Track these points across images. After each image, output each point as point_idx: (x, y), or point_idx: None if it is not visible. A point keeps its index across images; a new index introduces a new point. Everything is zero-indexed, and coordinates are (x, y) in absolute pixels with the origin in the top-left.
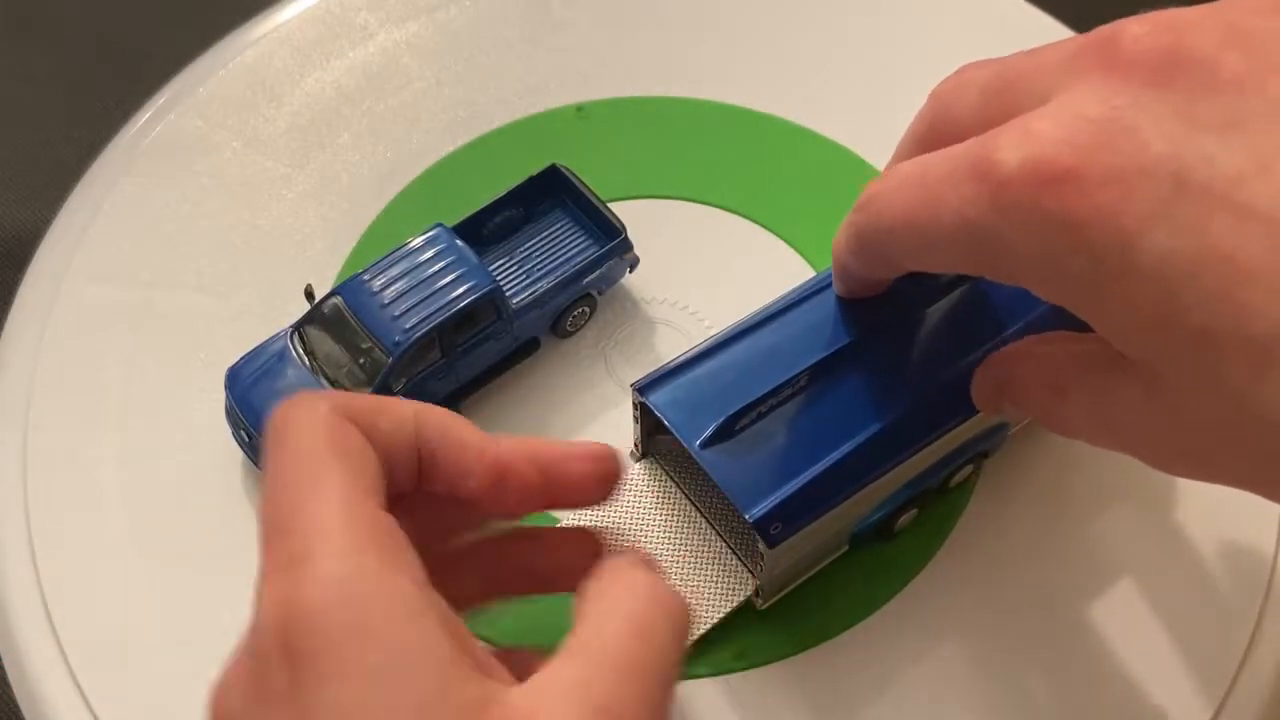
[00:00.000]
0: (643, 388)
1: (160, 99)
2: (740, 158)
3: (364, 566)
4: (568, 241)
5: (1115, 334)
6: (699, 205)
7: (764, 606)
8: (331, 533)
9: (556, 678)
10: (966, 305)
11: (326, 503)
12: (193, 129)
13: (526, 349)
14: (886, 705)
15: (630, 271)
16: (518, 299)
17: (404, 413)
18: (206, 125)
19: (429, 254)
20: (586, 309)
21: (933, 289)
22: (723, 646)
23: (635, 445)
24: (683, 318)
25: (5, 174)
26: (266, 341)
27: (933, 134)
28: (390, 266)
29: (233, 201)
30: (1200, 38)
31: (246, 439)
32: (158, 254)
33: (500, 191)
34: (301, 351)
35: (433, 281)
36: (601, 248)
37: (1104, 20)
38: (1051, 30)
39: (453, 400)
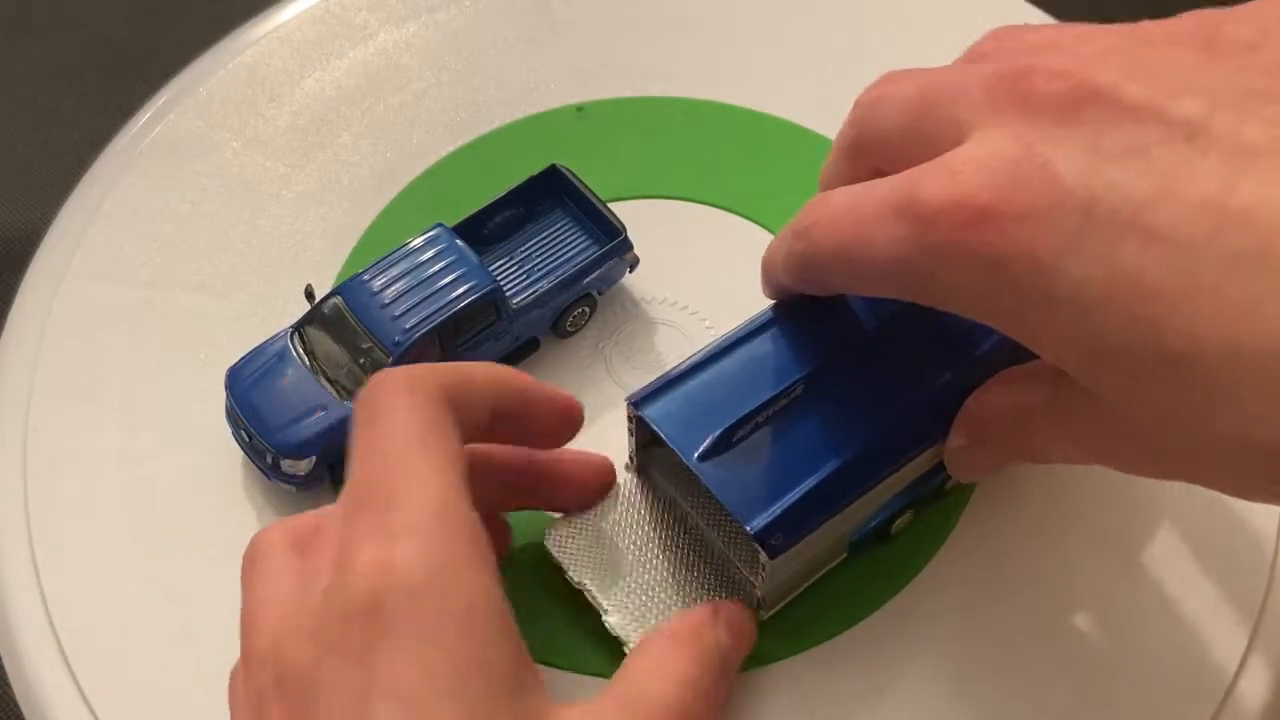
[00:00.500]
0: (637, 401)
1: (160, 99)
2: (740, 158)
3: (457, 556)
4: (568, 241)
5: (1050, 356)
6: (699, 205)
7: (766, 617)
8: (432, 517)
9: (601, 714)
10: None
11: (429, 488)
12: (193, 129)
13: (526, 349)
14: (886, 707)
15: (630, 271)
16: (518, 299)
17: (486, 385)
18: (206, 125)
19: (429, 254)
20: (587, 309)
21: None
22: None
23: (630, 458)
24: (683, 318)
25: (5, 174)
26: (266, 342)
27: (858, 146)
28: (390, 266)
29: (233, 201)
30: (1104, 72)
31: (246, 439)
32: (158, 254)
33: (500, 191)
34: (302, 351)
35: (433, 281)
36: (601, 248)
37: (1105, 20)
38: None
39: None
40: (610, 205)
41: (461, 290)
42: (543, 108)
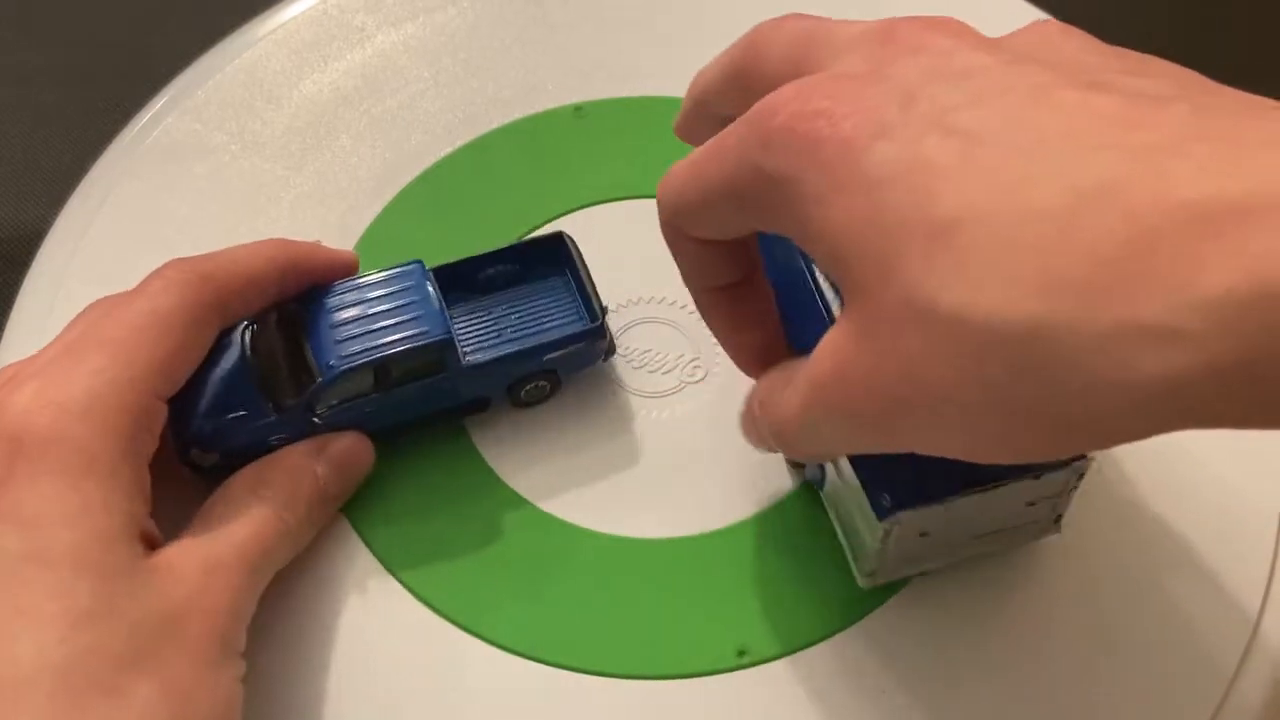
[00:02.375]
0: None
1: (159, 102)
2: None
3: (108, 428)
4: (550, 313)
5: (834, 244)
6: None
7: (867, 586)
8: (96, 388)
9: (193, 556)
10: None
11: (115, 364)
12: (191, 132)
13: (474, 406)
14: (885, 706)
15: (605, 360)
16: (472, 356)
17: (269, 273)
18: (205, 128)
19: (394, 288)
20: (546, 384)
21: None
22: (723, 644)
23: None
24: (682, 317)
25: (5, 174)
26: (232, 325)
27: (741, 66)
28: (354, 290)
29: (231, 204)
30: (974, 54)
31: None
32: (157, 256)
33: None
34: (248, 346)
35: (386, 316)
36: (576, 329)
37: (1116, 24)
38: None
39: (391, 434)
40: (609, 205)
41: (409, 333)
42: (541, 108)
